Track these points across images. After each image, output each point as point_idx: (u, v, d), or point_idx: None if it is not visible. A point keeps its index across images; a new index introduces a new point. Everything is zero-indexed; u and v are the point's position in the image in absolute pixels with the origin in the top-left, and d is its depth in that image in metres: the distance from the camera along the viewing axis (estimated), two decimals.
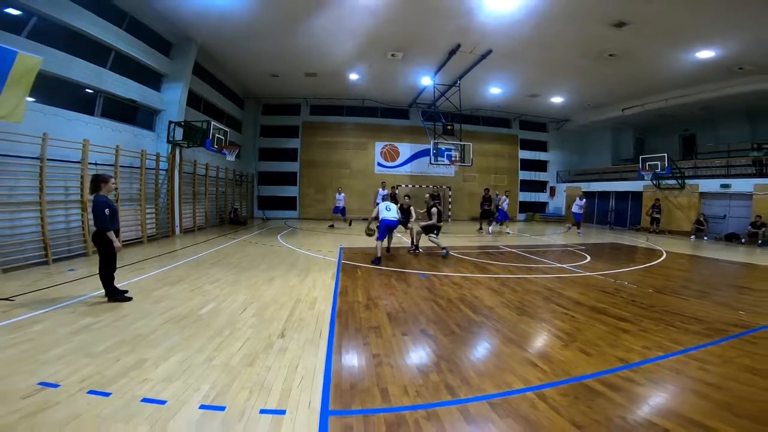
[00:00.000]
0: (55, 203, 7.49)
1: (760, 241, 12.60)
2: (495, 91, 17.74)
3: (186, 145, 11.70)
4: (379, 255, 7.74)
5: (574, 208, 14.92)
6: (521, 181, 22.60)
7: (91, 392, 2.50)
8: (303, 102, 19.99)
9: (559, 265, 7.83)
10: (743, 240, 13.16)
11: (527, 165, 22.94)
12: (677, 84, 14.92)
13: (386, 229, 8.10)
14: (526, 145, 22.96)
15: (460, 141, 16.03)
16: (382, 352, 3.27)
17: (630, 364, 3.07)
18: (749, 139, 16.42)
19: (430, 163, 16.66)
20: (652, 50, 11.98)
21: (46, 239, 7.04)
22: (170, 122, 11.17)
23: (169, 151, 11.36)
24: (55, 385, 2.56)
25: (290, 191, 20.47)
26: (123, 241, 8.89)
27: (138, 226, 9.89)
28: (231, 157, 13.03)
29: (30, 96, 6.30)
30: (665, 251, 10.16)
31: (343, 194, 15.53)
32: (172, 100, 11.54)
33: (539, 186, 23.26)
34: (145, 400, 2.42)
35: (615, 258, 9.05)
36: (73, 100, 8.53)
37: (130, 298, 4.73)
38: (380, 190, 15.89)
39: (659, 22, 10.00)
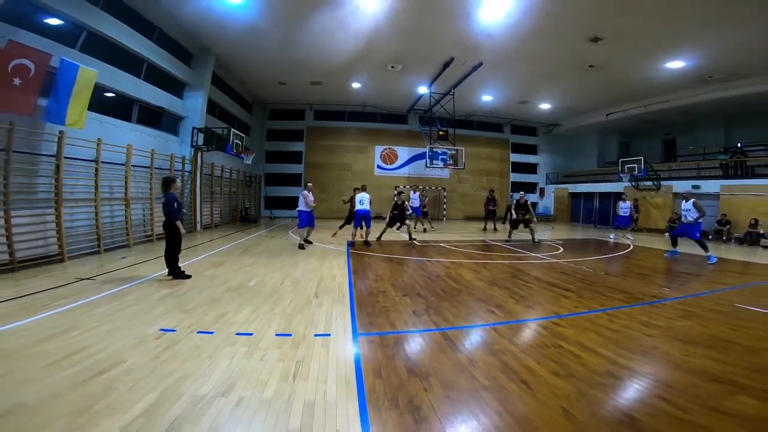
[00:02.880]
0: (103, 200, 8.70)
1: (724, 238, 13.99)
2: (487, 98, 19.01)
3: (206, 149, 12.99)
4: (352, 240, 10.39)
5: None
6: (512, 182, 23.97)
7: (199, 332, 3.67)
8: (308, 107, 21.33)
9: (534, 254, 9.26)
10: (710, 237, 14.49)
11: (518, 167, 24.37)
12: (654, 91, 16.13)
13: (359, 218, 9.98)
14: (517, 148, 24.37)
15: (454, 146, 17.34)
16: (388, 304, 4.67)
17: (559, 315, 4.44)
18: (724, 143, 17.78)
19: (426, 166, 17.97)
20: (627, 61, 13.18)
21: (99, 231, 8.32)
22: (193, 128, 12.46)
23: (192, 154, 12.66)
24: (173, 330, 3.69)
25: (295, 191, 21.69)
26: (157, 235, 10.24)
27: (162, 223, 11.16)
28: (248, 161, 14.32)
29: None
30: (633, 245, 11.53)
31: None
32: (194, 108, 12.83)
33: (529, 187, 24.61)
34: (238, 333, 3.67)
35: (585, 250, 10.46)
36: (117, 108, 9.76)
37: (189, 276, 6.01)
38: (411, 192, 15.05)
39: (629, 37, 11.18)
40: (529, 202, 11.76)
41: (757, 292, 5.96)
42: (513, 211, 11.69)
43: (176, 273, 5.96)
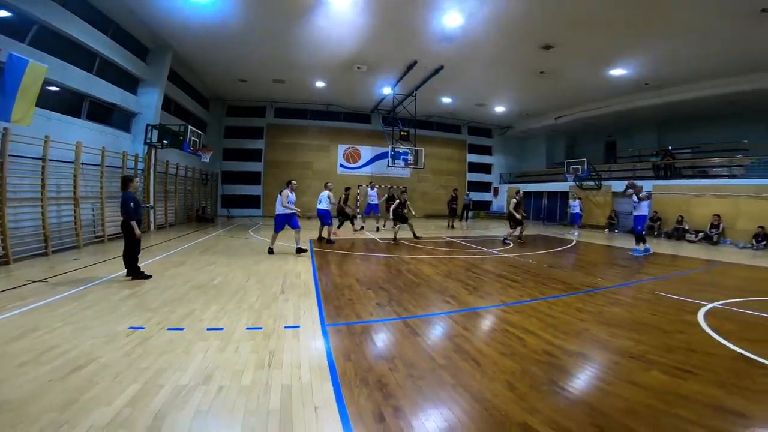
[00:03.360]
0: (50, 199, 8.28)
1: (656, 233, 15.49)
2: (447, 100, 19.63)
3: (160, 147, 12.58)
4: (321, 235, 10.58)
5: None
6: (469, 182, 25.01)
7: (169, 329, 3.78)
8: (268, 105, 21.00)
9: (486, 249, 9.93)
10: (644, 232, 15.98)
11: (474, 167, 25.44)
12: (599, 96, 17.35)
13: (319, 217, 10.18)
14: (474, 149, 25.44)
15: (414, 146, 17.86)
16: (353, 297, 4.98)
17: (506, 303, 4.97)
18: (657, 146, 19.48)
19: (388, 165, 18.38)
20: (575, 68, 14.11)
21: (47, 232, 7.94)
22: (148, 125, 12.04)
23: (146, 152, 12.22)
24: (142, 327, 3.77)
25: (254, 190, 21.37)
26: (108, 236, 9.89)
27: (119, 222, 10.71)
28: (206, 159, 14.01)
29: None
30: (576, 240, 12.56)
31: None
32: (148, 104, 12.38)
33: (485, 186, 25.79)
34: (209, 329, 3.82)
35: (533, 245, 11.29)
36: (66, 104, 9.29)
37: (149, 276, 5.96)
38: (369, 189, 15.63)
39: (578, 45, 11.99)
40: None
41: (677, 281, 6.76)
42: (514, 211, 11.36)
43: (135, 273, 5.90)
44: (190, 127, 12.63)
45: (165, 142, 12.36)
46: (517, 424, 2.31)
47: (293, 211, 8.74)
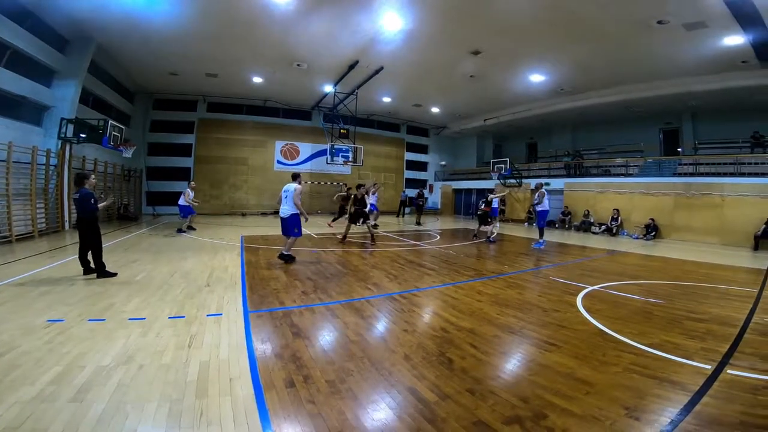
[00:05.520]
0: None
1: (567, 226, 17.33)
2: (386, 100, 20.18)
3: (77, 142, 11.77)
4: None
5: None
6: (406, 179, 26.02)
7: (90, 320, 3.85)
8: (200, 99, 20.12)
9: (414, 242, 10.68)
10: (557, 225, 17.81)
11: (412, 165, 26.49)
12: (521, 101, 18.81)
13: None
14: (411, 147, 26.47)
15: (353, 144, 18.26)
16: (279, 287, 5.30)
17: (418, 288, 5.59)
18: (571, 147, 21.59)
19: (327, 162, 18.57)
20: (499, 73, 15.22)
21: None
22: (62, 119, 11.20)
23: (59, 147, 11.37)
24: (61, 320, 3.80)
25: (183, 187, 20.24)
26: (16, 236, 9.19)
27: (29, 221, 10.00)
28: (128, 154, 13.29)
29: None
30: (496, 232, 13.72)
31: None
32: (64, 97, 11.50)
33: (421, 183, 26.87)
34: (131, 319, 3.95)
35: (457, 238, 12.26)
36: None
37: (115, 274, 5.79)
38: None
39: (502, 52, 12.92)
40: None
41: (571, 268, 7.66)
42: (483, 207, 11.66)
43: (103, 272, 5.71)
44: (110, 121, 11.93)
45: (82, 136, 11.59)
46: (406, 388, 2.72)
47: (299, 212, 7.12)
